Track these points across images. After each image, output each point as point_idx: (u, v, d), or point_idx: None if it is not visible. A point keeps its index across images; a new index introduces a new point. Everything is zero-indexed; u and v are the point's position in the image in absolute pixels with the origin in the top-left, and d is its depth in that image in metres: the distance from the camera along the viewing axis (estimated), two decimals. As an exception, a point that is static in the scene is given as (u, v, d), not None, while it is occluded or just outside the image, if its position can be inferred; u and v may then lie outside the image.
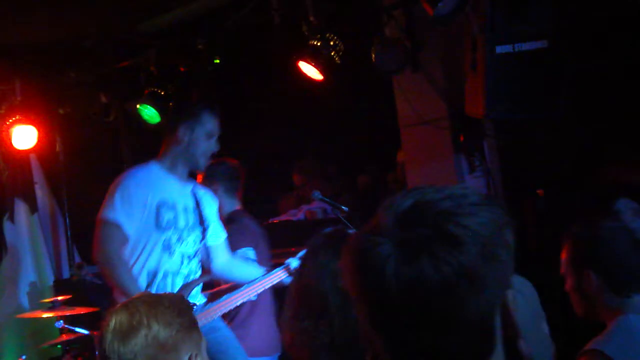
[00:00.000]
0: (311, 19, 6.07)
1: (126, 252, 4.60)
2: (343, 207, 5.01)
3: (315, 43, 6.10)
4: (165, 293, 2.77)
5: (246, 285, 4.72)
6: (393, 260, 1.33)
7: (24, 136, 7.09)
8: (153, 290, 4.58)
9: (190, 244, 4.80)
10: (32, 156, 7.73)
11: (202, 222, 4.87)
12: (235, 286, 4.81)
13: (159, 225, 4.63)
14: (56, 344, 6.11)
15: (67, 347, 6.11)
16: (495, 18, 4.94)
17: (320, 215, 7.21)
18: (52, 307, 5.82)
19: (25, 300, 7.32)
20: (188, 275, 4.78)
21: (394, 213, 1.38)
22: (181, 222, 4.74)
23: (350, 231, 5.11)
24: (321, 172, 8.30)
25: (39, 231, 7.67)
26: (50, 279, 7.56)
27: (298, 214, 7.35)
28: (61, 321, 5.67)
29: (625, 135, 5.51)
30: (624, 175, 5.66)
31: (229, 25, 6.46)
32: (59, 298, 5.92)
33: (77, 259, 7.69)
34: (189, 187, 4.88)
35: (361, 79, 6.78)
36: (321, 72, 6.16)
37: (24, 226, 7.57)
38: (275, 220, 7.32)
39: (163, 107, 7.05)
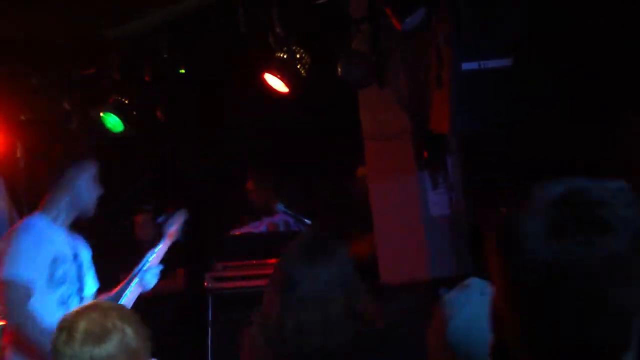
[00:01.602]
0: (278, 30, 6.05)
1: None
2: (306, 220, 5.00)
3: (281, 55, 6.08)
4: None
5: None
6: (542, 237, 1.32)
7: (-16, 142, 7.02)
8: None
9: (89, 286, 4.76)
10: (-7, 162, 7.64)
11: (82, 270, 4.77)
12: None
13: (52, 281, 4.49)
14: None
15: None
16: (461, 34, 4.94)
17: (282, 227, 7.16)
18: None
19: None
20: None
21: (546, 196, 1.37)
22: (73, 273, 4.64)
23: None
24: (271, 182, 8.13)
25: (-4, 238, 7.56)
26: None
27: (260, 226, 7.30)
28: None
29: (591, 154, 5.53)
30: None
31: (195, 35, 6.42)
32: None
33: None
34: (69, 236, 4.75)
35: (327, 92, 6.76)
36: (287, 84, 6.14)
37: (-19, 233, 7.46)
38: (237, 232, 7.26)
39: (127, 115, 7.00)
